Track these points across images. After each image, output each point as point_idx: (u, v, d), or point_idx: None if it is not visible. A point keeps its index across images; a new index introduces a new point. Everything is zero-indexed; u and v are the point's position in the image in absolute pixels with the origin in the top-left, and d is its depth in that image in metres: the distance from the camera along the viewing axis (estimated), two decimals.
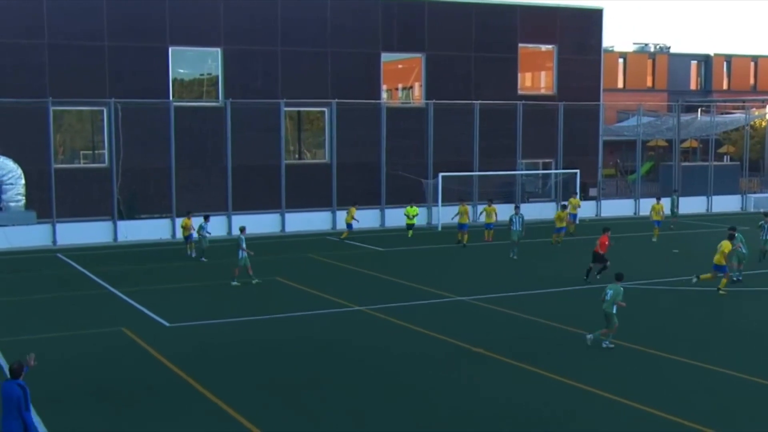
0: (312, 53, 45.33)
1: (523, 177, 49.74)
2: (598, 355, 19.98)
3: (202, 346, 20.79)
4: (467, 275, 30.60)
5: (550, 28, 51.47)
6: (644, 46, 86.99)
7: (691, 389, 17.43)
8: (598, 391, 17.02)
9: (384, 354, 20.16)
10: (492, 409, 16.16)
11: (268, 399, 16.79)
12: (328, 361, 19.51)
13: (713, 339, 21.70)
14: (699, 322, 23.71)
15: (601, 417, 15.77)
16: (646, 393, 16.86)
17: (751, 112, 63.90)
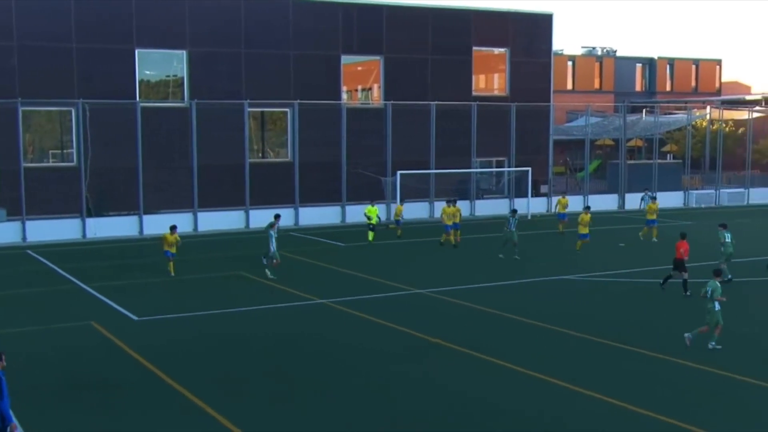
0: (275, 55, 45.17)
1: (477, 175, 49.97)
2: (553, 346, 20.08)
3: (170, 340, 20.64)
4: (426, 269, 30.63)
5: (503, 32, 51.68)
6: (592, 50, 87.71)
7: (645, 379, 17.48)
8: (553, 380, 17.10)
9: (345, 346, 20.11)
10: (449, 400, 16.13)
11: (235, 391, 16.68)
12: (291, 354, 19.43)
13: (669, 329, 21.84)
14: (655, 314, 23.86)
15: (556, 405, 15.83)
16: (601, 382, 16.96)
17: (693, 113, 64.63)
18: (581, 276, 28.90)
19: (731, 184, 60.43)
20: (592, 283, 27.85)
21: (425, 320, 22.46)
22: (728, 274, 26.59)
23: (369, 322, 22.36)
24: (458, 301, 24.84)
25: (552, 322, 21.97)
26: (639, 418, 14.91)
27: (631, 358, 18.89)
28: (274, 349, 19.80)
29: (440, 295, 25.72)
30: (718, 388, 16.76)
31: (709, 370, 17.72)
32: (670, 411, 15.11)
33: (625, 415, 15.10)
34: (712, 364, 17.99)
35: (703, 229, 37.93)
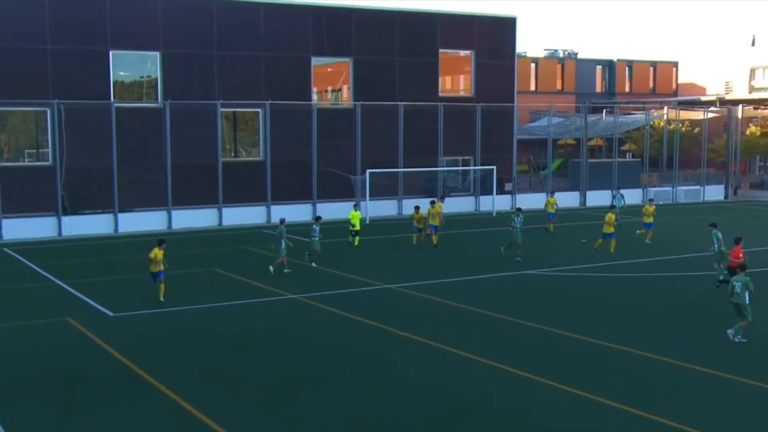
0: (246, 57, 44.98)
1: (444, 173, 50.10)
2: (517, 338, 20.22)
3: (145, 335, 20.53)
4: (395, 265, 30.64)
5: (468, 35, 51.81)
6: (554, 52, 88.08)
7: (606, 369, 17.67)
8: (518, 371, 17.21)
9: (316, 340, 20.10)
10: (419, 392, 16.17)
11: (210, 384, 16.63)
12: (264, 348, 19.39)
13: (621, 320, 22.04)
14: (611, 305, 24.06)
15: (521, 395, 15.93)
16: (564, 373, 17.10)
17: (651, 113, 65.24)
18: (544, 271, 29.09)
19: (687, 181, 61.04)
20: (555, 278, 28.03)
21: (394, 314, 22.49)
22: (720, 274, 25.95)
23: (340, 317, 22.36)
24: (426, 296, 24.90)
25: (516, 315, 22.13)
26: (600, 406, 15.06)
27: (593, 349, 19.04)
28: (247, 344, 19.74)
29: (409, 290, 25.77)
30: (679, 377, 16.93)
31: (671, 361, 17.92)
32: (631, 401, 15.26)
33: (587, 404, 15.25)
34: (675, 356, 18.19)
35: (660, 225, 38.33)
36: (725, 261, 25.52)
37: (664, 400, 15.53)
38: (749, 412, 14.96)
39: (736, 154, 64.54)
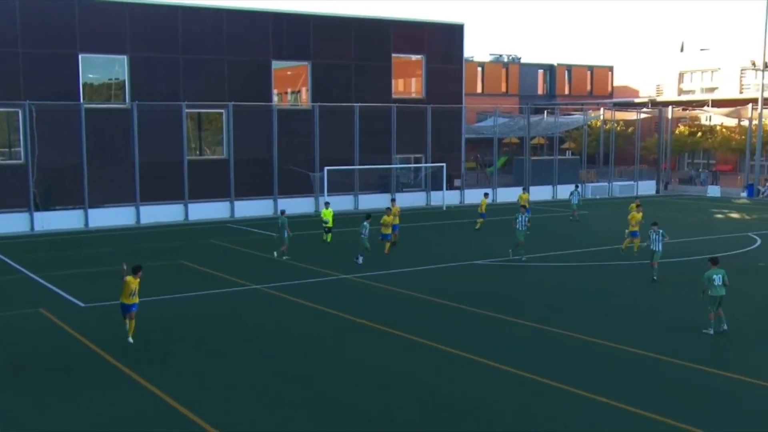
0: (210, 61, 44.71)
1: (397, 170, 50.21)
2: (466, 324, 20.35)
3: (116, 324, 20.19)
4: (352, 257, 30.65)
5: (419, 40, 51.96)
6: (499, 57, 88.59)
7: (543, 352, 17.89)
8: (468, 355, 17.35)
9: (278, 328, 20.06)
10: (377, 376, 16.24)
11: (177, 370, 16.52)
12: (229, 336, 19.29)
13: (564, 306, 22.32)
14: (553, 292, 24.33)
15: (470, 378, 16.05)
16: (506, 355, 17.30)
17: (588, 114, 65.94)
18: (490, 261, 29.29)
19: (622, 177, 61.82)
20: (498, 267, 28.22)
21: (352, 303, 22.53)
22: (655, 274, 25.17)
23: (301, 306, 22.32)
24: (382, 285, 24.96)
25: (465, 302, 22.27)
26: (541, 386, 15.25)
27: (536, 334, 19.27)
28: (213, 332, 19.63)
29: (366, 280, 25.80)
30: (611, 358, 17.19)
31: (603, 342, 18.18)
32: (567, 379, 15.49)
33: (530, 383, 15.44)
34: (605, 338, 18.46)
35: (597, 218, 38.90)
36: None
37: (604, 380, 15.78)
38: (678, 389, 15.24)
39: (666, 152, 65.54)
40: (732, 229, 37.19)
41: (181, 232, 37.88)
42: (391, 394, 15.00)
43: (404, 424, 13.53)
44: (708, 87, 78.32)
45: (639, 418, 13.63)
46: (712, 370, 16.24)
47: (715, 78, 78.08)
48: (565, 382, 15.33)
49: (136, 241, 34.79)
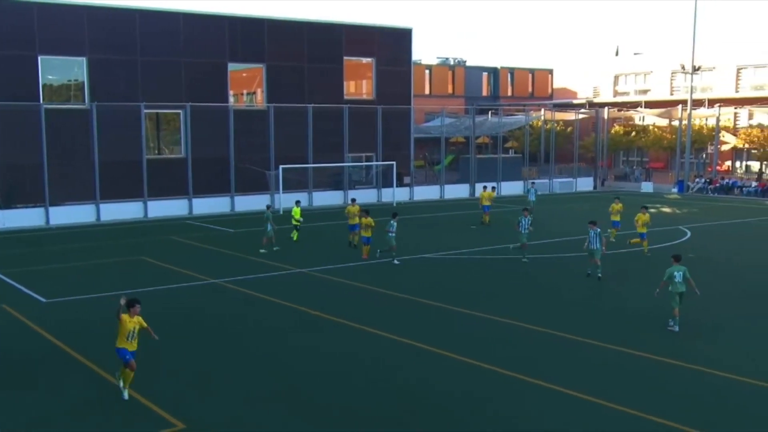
0: (168, 62, 44.24)
1: (349, 168, 50.23)
2: (416, 314, 20.47)
3: (77, 319, 20.02)
4: (308, 251, 30.60)
5: (369, 43, 52.02)
6: (445, 60, 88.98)
7: (491, 341, 18.11)
8: (419, 344, 17.48)
9: (237, 320, 19.98)
10: (335, 365, 16.31)
11: (142, 365, 16.34)
12: (191, 330, 19.13)
13: (508, 296, 22.60)
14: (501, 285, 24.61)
15: (421, 366, 16.18)
16: (454, 343, 17.46)
17: (530, 114, 66.65)
18: (439, 254, 29.50)
19: (562, 174, 62.63)
20: (448, 260, 28.46)
21: (308, 296, 22.52)
22: (589, 269, 24.92)
23: (258, 299, 22.27)
24: (336, 279, 25.01)
25: (417, 294, 22.43)
26: (485, 372, 15.47)
27: (482, 322, 19.49)
28: (175, 326, 19.42)
29: (321, 274, 25.83)
30: (552, 345, 17.48)
31: (546, 331, 18.48)
32: (513, 367, 15.73)
33: (475, 369, 15.63)
34: (549, 326, 18.77)
35: (539, 213, 39.38)
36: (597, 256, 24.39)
37: (543, 365, 16.04)
38: (607, 371, 15.57)
39: (603, 150, 66.59)
40: (664, 223, 37.94)
41: (141, 229, 37.46)
42: (348, 381, 15.06)
43: (360, 409, 13.62)
44: (641, 89, 79.62)
45: (577, 401, 13.93)
46: (649, 356, 16.62)
47: (648, 80, 79.40)
48: (506, 368, 15.58)
49: (96, 238, 34.35)
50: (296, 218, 32.63)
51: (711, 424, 12.87)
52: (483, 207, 38.71)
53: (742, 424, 13.00)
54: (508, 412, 13.57)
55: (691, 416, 13.13)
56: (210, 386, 14.88)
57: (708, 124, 68.40)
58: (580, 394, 14.13)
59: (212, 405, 13.88)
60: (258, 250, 29.78)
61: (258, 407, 13.79)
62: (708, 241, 32.86)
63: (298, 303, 21.47)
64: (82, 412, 13.66)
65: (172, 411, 13.44)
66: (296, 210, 32.87)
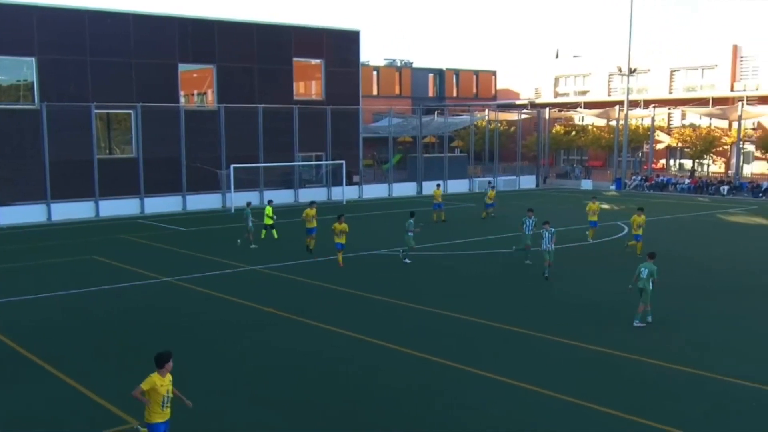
0: (118, 63, 43.48)
1: (300, 167, 50.06)
2: (365, 309, 20.51)
3: (29, 319, 19.59)
4: (258, 249, 30.40)
5: (318, 45, 51.87)
6: (393, 61, 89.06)
7: (434, 333, 18.23)
8: (370, 339, 17.54)
9: (190, 317, 19.80)
10: (287, 358, 16.27)
11: (97, 364, 16.11)
12: (145, 328, 18.89)
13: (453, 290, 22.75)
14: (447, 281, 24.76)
15: (373, 359, 16.24)
16: (404, 337, 17.55)
17: (475, 115, 67.20)
18: (388, 251, 29.57)
19: (506, 172, 63.25)
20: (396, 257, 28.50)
21: (259, 293, 22.41)
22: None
23: (212, 296, 22.08)
24: (287, 276, 24.92)
25: (364, 289, 22.47)
26: (435, 364, 15.59)
27: (430, 316, 19.61)
28: (128, 324, 19.20)
29: (271, 271, 25.71)
30: (501, 338, 17.68)
31: (491, 324, 18.68)
32: (460, 359, 15.89)
33: (426, 362, 15.73)
34: (496, 320, 18.97)
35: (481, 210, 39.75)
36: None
37: (489, 357, 16.22)
38: (553, 361, 15.83)
39: (544, 149, 67.46)
40: (603, 219, 38.53)
41: (93, 229, 36.81)
42: (301, 375, 15.04)
43: (312, 401, 13.61)
44: (580, 90, 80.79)
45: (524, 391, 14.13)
46: (594, 347, 16.92)
47: (587, 82, 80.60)
48: (454, 360, 15.72)
49: (48, 238, 33.68)
50: (269, 216, 32.07)
51: (650, 411, 13.16)
52: (433, 206, 38.89)
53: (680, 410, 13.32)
54: (455, 402, 13.69)
55: (634, 404, 13.41)
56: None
57: (643, 124, 69.76)
58: (528, 385, 14.34)
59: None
60: (249, 246, 30.09)
61: (215, 401, 13.68)
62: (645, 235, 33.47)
63: (250, 300, 21.33)
64: (36, 412, 13.39)
65: (127, 408, 13.26)
66: (269, 209, 32.36)
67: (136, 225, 37.82)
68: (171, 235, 34.99)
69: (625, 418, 12.82)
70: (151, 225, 37.88)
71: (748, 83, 66.91)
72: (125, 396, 13.93)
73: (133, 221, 39.31)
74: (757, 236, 34.57)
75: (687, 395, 13.98)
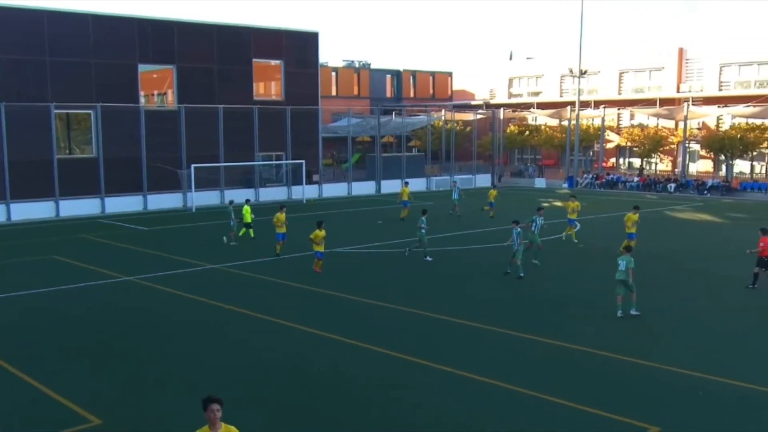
0: (77, 63, 42.76)
1: (260, 167, 49.75)
2: (324, 306, 20.46)
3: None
4: (218, 248, 30.14)
5: (277, 46, 51.59)
6: (351, 63, 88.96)
7: (397, 329, 18.27)
8: (327, 334, 17.50)
9: (151, 316, 19.54)
10: (247, 355, 16.15)
11: (63, 364, 15.81)
12: (108, 326, 18.61)
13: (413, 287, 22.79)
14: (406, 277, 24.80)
15: (332, 353, 16.20)
16: (363, 333, 17.56)
17: (431, 115, 67.40)
18: (349, 248, 29.53)
19: (462, 171, 63.49)
20: (355, 254, 28.50)
21: (220, 291, 22.22)
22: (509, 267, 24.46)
23: (172, 295, 21.84)
24: (246, 273, 24.76)
25: (323, 286, 22.40)
26: (394, 359, 15.61)
27: (390, 313, 19.64)
28: (89, 323, 18.90)
29: (231, 269, 25.51)
30: (456, 332, 17.76)
31: (451, 320, 18.77)
32: (418, 353, 15.93)
33: (385, 357, 15.75)
34: (448, 314, 19.06)
35: (441, 207, 39.91)
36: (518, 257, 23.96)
37: (444, 351, 16.30)
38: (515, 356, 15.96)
39: (499, 149, 67.95)
40: (556, 216, 38.90)
41: (53, 228, 36.16)
42: (262, 372, 14.94)
43: (273, 398, 13.53)
44: (533, 91, 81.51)
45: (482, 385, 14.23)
46: (548, 341, 17.09)
47: (540, 83, 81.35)
48: (412, 355, 15.76)
49: (8, 238, 32.99)
50: (248, 214, 31.49)
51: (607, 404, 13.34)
52: (402, 203, 38.85)
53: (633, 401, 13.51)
54: (415, 397, 13.71)
55: (591, 396, 13.58)
56: (126, 381, 14.52)
57: (594, 124, 70.64)
58: (486, 379, 14.43)
59: (129, 400, 13.55)
60: (229, 243, 30.33)
61: (175, 400, 13.53)
62: (596, 231, 33.94)
63: (211, 298, 21.14)
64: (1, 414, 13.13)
65: (89, 407, 13.05)
66: (247, 209, 31.71)
67: (97, 225, 37.25)
68: (132, 234, 34.51)
69: (583, 410, 12.97)
70: (112, 225, 37.33)
71: (694, 85, 68.15)
72: (86, 394, 13.81)
73: (93, 221, 38.71)
74: (703, 231, 35.23)
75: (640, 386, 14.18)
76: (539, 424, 12.45)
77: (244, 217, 31.33)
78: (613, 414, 12.71)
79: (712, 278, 24.12)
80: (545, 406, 13.14)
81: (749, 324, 18.68)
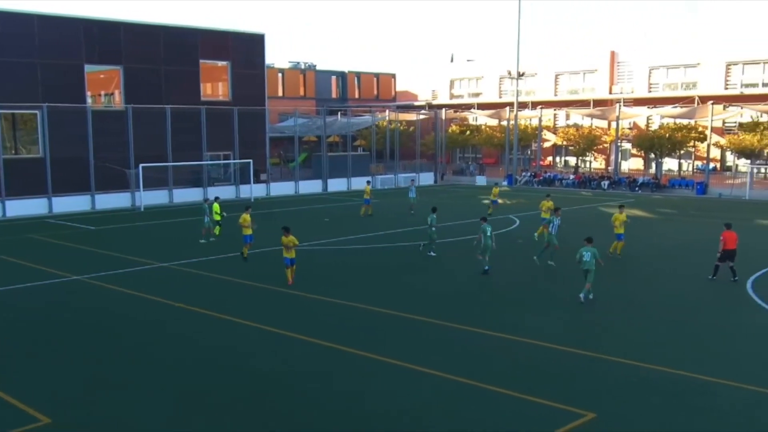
0: (22, 63, 41.67)
1: (208, 166, 49.18)
2: (274, 303, 20.37)
3: None
4: (168, 246, 29.76)
5: (224, 47, 51.08)
6: (297, 64, 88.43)
7: (344, 324, 18.29)
8: (278, 330, 17.43)
9: (102, 314, 19.18)
10: (201, 353, 15.99)
11: (12, 363, 15.41)
12: (53, 326, 18.21)
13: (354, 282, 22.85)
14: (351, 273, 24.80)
15: (280, 348, 16.15)
16: (309, 328, 17.52)
17: (376, 115, 67.53)
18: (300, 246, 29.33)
19: (406, 170, 63.73)
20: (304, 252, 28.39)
21: (169, 289, 21.93)
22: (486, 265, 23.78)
23: (123, 293, 21.46)
24: (198, 272, 24.47)
25: (270, 283, 22.28)
26: (339, 352, 15.65)
27: (331, 309, 19.65)
28: (38, 323, 18.44)
29: (180, 267, 25.19)
30: (401, 326, 17.85)
31: (392, 312, 18.85)
32: (362, 346, 15.99)
33: (332, 351, 15.76)
34: (395, 309, 19.15)
35: (387, 205, 39.97)
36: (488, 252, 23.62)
37: (389, 342, 16.38)
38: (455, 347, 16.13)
39: (441, 148, 68.43)
40: (496, 212, 39.41)
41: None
42: (212, 368, 14.81)
43: (221, 393, 13.41)
44: (474, 92, 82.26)
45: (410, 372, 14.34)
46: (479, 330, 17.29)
47: (480, 85, 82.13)
48: (357, 347, 15.80)
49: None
50: (217, 213, 31.01)
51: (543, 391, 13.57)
52: (364, 200, 38.78)
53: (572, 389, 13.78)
54: (357, 388, 13.75)
55: (530, 385, 13.81)
56: (80, 380, 14.24)
57: (532, 124, 71.66)
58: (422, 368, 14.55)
59: (85, 399, 13.29)
60: (206, 240, 30.23)
61: (130, 399, 13.32)
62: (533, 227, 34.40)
63: (161, 296, 20.86)
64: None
65: (38, 407, 12.76)
66: (216, 206, 31.17)
67: (45, 224, 36.37)
68: (81, 234, 33.79)
69: (521, 398, 13.18)
70: (60, 224, 36.48)
71: (625, 86, 69.65)
72: (36, 393, 13.49)
73: (41, 221, 37.79)
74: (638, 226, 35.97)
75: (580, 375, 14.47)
76: (479, 412, 12.60)
77: (214, 216, 30.96)
78: (552, 402, 12.94)
79: (647, 271, 24.69)
80: (486, 394, 13.31)
81: (688, 314, 19.15)
